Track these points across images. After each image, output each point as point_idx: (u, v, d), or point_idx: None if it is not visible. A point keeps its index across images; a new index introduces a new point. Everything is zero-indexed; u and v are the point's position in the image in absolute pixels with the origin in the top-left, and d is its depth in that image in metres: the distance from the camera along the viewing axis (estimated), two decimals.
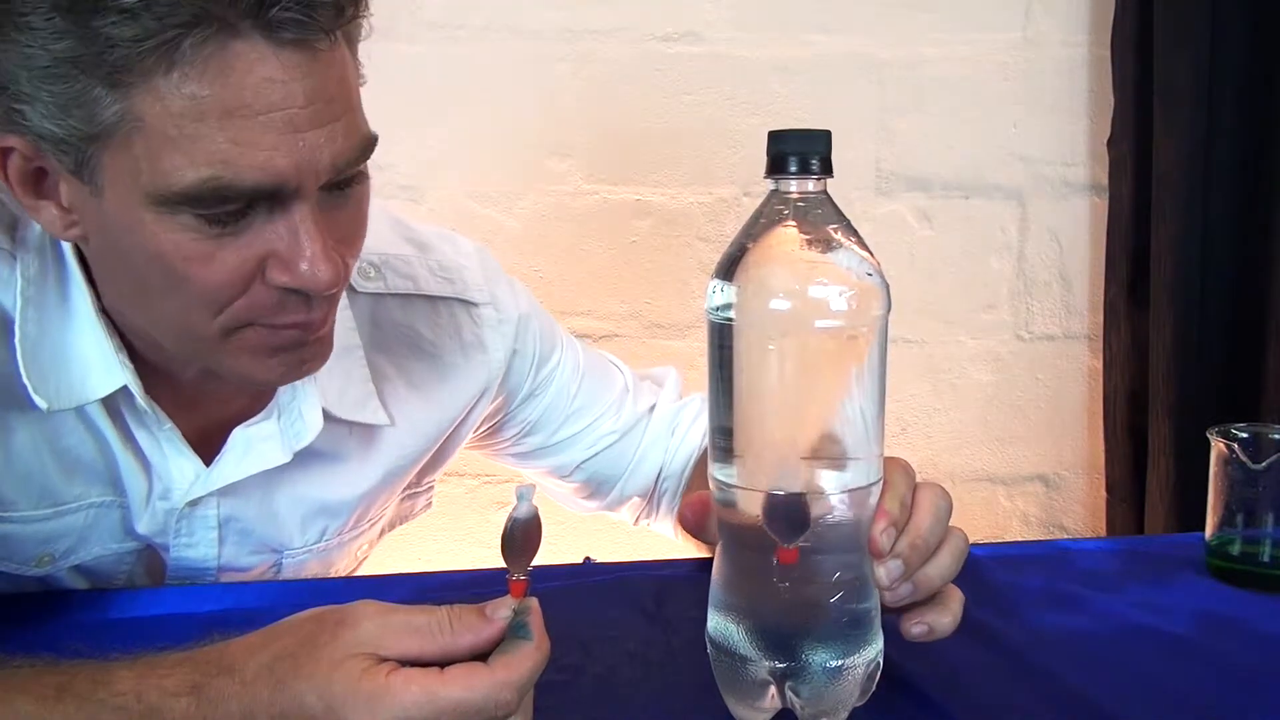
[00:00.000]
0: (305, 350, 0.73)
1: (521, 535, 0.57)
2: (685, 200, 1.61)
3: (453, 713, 0.51)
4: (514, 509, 0.57)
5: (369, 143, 0.69)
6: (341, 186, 0.69)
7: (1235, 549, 0.83)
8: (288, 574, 0.90)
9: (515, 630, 0.55)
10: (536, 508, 0.58)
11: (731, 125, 1.59)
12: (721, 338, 0.58)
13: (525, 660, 0.53)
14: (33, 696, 0.54)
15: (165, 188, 0.63)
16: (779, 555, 0.57)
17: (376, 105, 0.70)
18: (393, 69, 1.52)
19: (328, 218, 0.68)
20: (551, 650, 0.55)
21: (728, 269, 0.58)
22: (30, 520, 0.79)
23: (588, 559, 0.90)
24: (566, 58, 1.56)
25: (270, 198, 0.65)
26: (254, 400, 0.82)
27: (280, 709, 0.52)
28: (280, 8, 0.61)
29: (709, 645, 0.62)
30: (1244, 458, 0.81)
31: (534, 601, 0.56)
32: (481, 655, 0.54)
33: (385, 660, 0.52)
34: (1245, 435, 0.83)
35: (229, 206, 0.64)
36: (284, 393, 0.81)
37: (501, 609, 0.55)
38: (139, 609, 0.79)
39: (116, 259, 0.70)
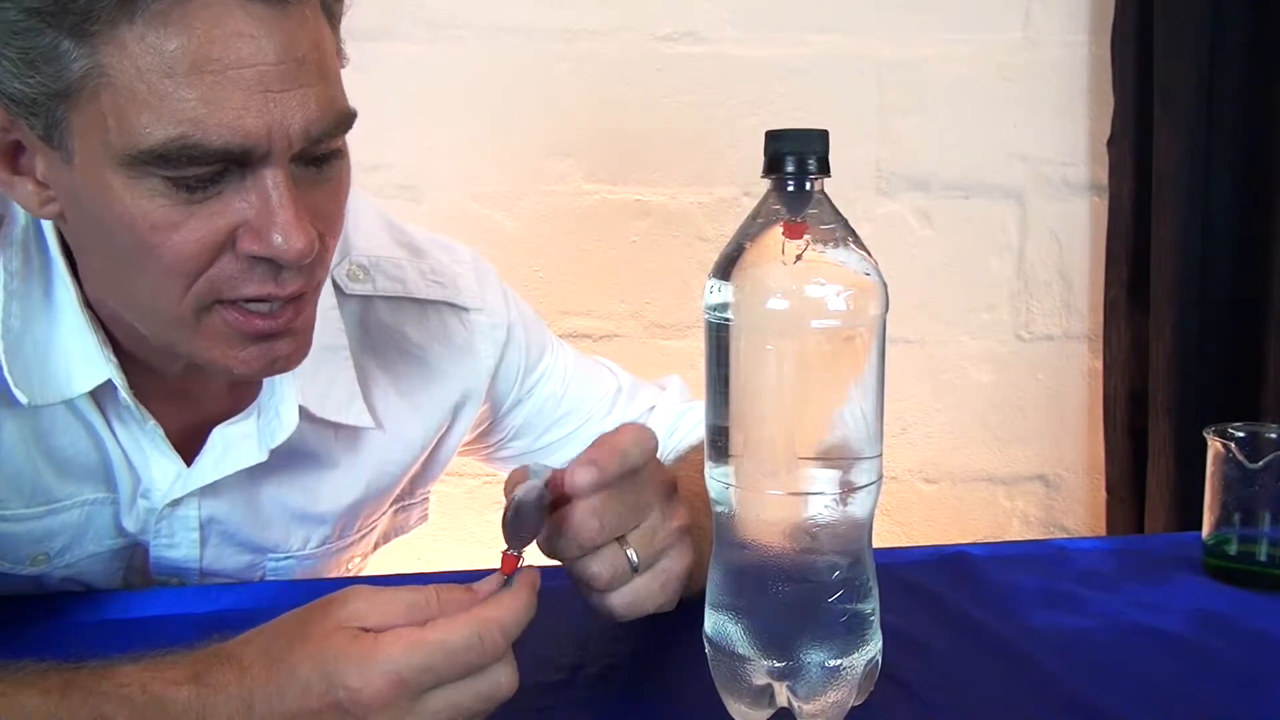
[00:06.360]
0: (279, 343, 0.71)
1: (526, 515, 0.59)
2: (685, 200, 1.61)
3: (440, 655, 0.53)
4: (521, 486, 0.59)
5: (345, 116, 0.68)
6: (318, 163, 0.68)
7: (1232, 548, 0.84)
8: (273, 580, 0.88)
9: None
10: (545, 490, 0.59)
11: (731, 125, 1.59)
12: (719, 337, 0.58)
13: (506, 600, 0.55)
14: (39, 690, 0.55)
15: (133, 147, 0.61)
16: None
17: (377, 105, 0.70)
18: (393, 69, 1.52)
19: (304, 194, 0.67)
20: (538, 607, 0.57)
21: (725, 269, 0.58)
22: (23, 519, 0.78)
23: None
24: (566, 58, 1.56)
25: (241, 162, 0.63)
26: (237, 399, 0.81)
27: (277, 685, 0.54)
28: None
29: (706, 645, 0.62)
30: (1241, 457, 0.81)
31: (530, 571, 0.57)
32: None
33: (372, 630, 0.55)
34: (1242, 435, 0.83)
35: (198, 169, 0.63)
36: (265, 391, 0.80)
37: (488, 585, 0.57)
38: (134, 610, 0.79)
39: (89, 233, 0.69)
